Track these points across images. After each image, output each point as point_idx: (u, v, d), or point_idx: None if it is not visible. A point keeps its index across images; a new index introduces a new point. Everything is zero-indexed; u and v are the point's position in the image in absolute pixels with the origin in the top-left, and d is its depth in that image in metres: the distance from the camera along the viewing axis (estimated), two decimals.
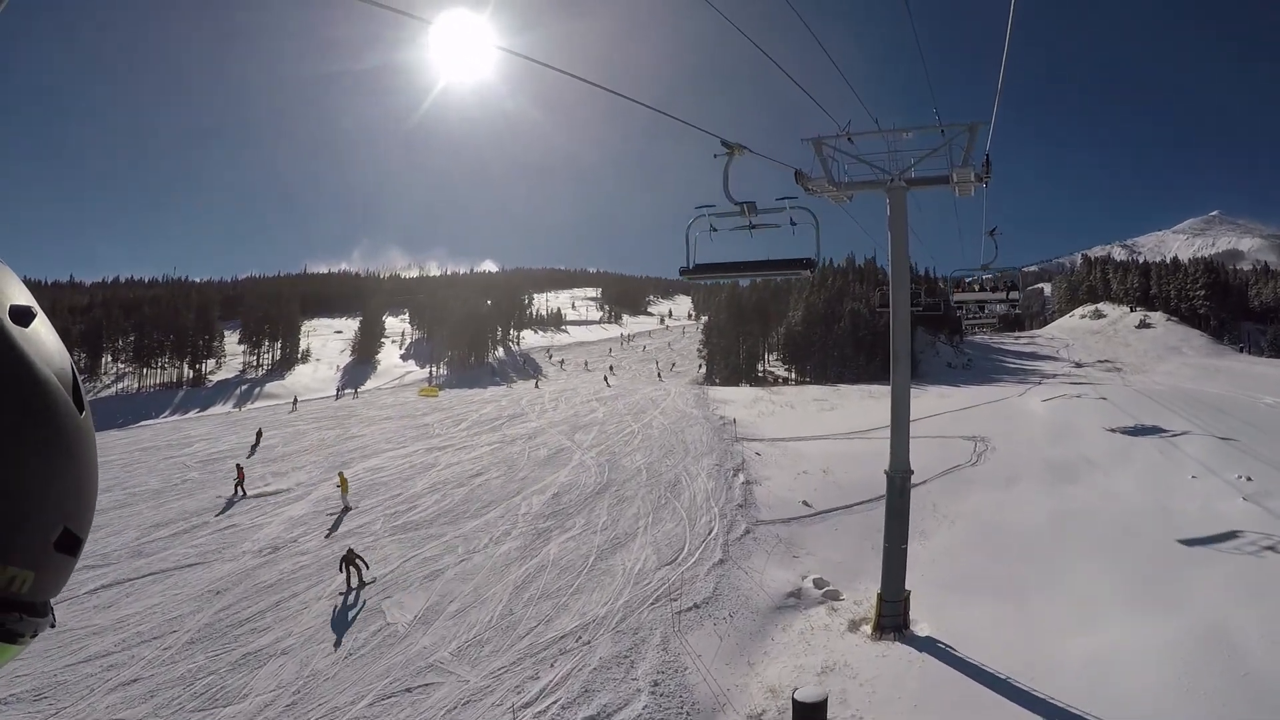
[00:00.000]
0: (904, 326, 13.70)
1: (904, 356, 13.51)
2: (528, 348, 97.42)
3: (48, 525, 0.64)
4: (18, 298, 0.66)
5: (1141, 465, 25.74)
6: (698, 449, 29.05)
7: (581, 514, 22.06)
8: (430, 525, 22.25)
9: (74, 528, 0.67)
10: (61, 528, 0.65)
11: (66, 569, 0.67)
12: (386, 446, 33.97)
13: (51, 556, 0.65)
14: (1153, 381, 53.72)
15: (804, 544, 19.62)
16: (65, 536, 0.66)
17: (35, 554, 0.63)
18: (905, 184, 13.47)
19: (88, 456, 0.68)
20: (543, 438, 33.08)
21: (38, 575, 0.63)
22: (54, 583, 0.66)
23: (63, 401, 0.65)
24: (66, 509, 0.66)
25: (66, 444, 0.65)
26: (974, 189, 13.44)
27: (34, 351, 0.64)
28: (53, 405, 0.64)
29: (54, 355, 0.67)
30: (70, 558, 0.67)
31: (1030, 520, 20.87)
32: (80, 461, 0.67)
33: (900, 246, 13.69)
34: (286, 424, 44.08)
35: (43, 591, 0.65)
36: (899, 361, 13.46)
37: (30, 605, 0.64)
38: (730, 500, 22.36)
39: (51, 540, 0.64)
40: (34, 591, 0.63)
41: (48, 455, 0.63)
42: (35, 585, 0.63)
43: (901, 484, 13.18)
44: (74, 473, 0.66)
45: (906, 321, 13.77)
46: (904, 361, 13.53)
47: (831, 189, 13.78)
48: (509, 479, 26.41)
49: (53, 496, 0.64)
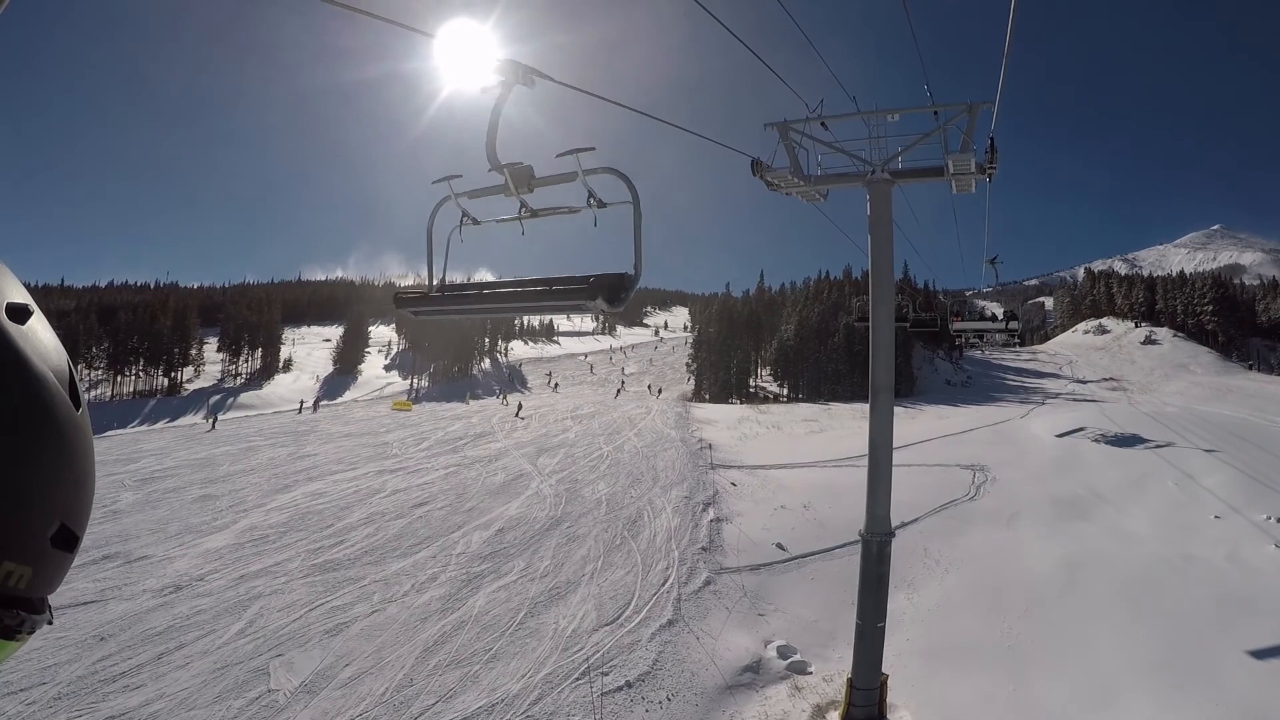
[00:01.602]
0: (886, 349, 10.97)
1: (885, 389, 10.73)
2: (516, 359, 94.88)
3: (44, 521, 0.64)
4: (15, 296, 0.66)
5: (1157, 501, 23.05)
6: (668, 478, 26.39)
7: (523, 555, 19.41)
8: (352, 565, 19.63)
9: (70, 524, 0.67)
10: (58, 524, 0.65)
11: (64, 565, 0.67)
12: (336, 468, 31.35)
13: (48, 552, 0.65)
14: (1162, 401, 50.98)
15: (773, 597, 16.94)
16: (62, 532, 0.66)
17: (32, 550, 0.63)
18: (890, 176, 10.87)
19: (84, 453, 0.68)
20: (504, 460, 30.47)
21: (35, 571, 0.63)
22: (51, 578, 0.66)
23: (59, 398, 0.66)
24: (63, 505, 0.66)
25: (63, 441, 0.65)
26: (975, 183, 10.80)
27: (31, 349, 0.65)
28: (49, 402, 0.65)
29: (50, 353, 0.68)
30: (67, 553, 0.67)
31: (1035, 569, 18.20)
32: (76, 458, 0.67)
33: (884, 251, 11.05)
34: (244, 439, 41.48)
35: (40, 587, 0.65)
36: (879, 395, 10.68)
37: (28, 601, 0.64)
38: (694, 542, 19.70)
39: (48, 536, 0.64)
40: (32, 587, 0.63)
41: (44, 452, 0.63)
42: (33, 581, 0.63)
43: (879, 550, 10.50)
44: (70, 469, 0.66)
45: (889, 344, 11.05)
46: (885, 396, 10.74)
47: (799, 184, 11.24)
48: (454, 510, 23.78)
49: (49, 493, 0.64)
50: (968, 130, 9.91)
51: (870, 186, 10.95)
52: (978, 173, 10.30)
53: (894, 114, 10.78)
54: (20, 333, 0.65)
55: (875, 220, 10.94)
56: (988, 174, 10.25)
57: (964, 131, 9.97)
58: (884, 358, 10.76)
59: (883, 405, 10.52)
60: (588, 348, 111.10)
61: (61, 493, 0.66)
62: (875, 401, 10.54)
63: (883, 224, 10.95)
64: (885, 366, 10.69)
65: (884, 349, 10.88)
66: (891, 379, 10.73)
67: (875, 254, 11.02)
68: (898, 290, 67.96)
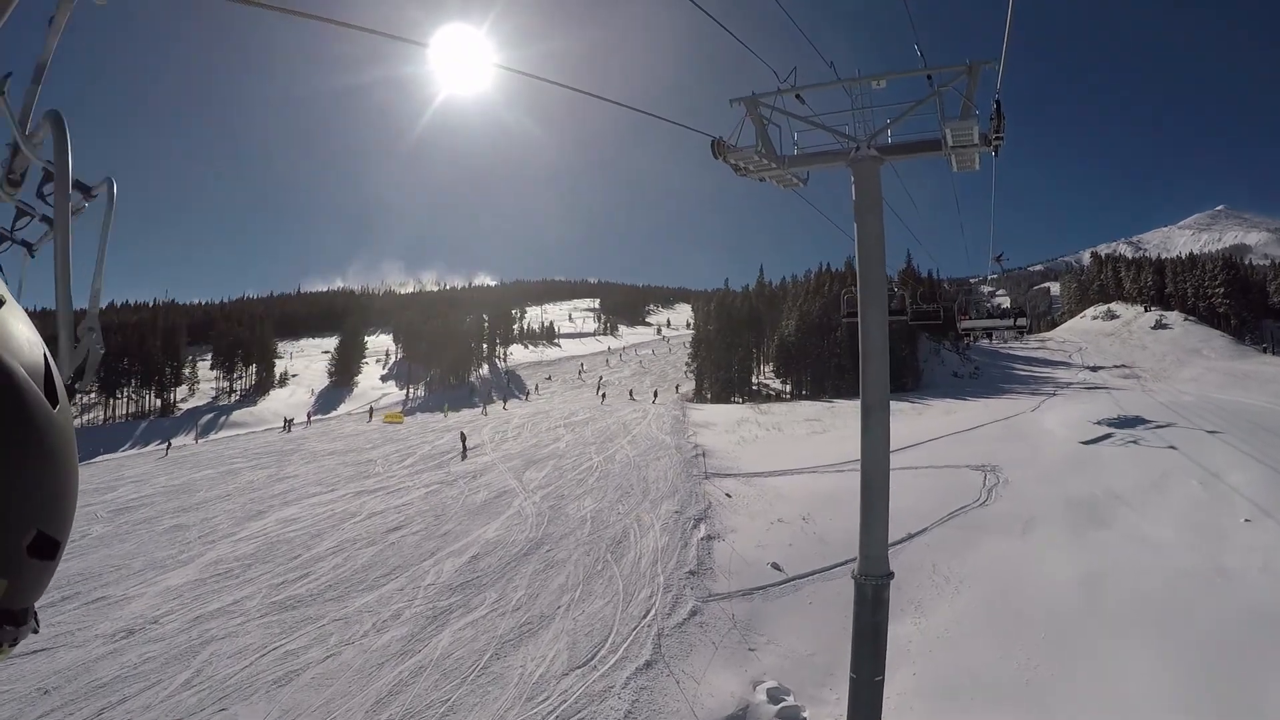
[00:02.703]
0: (878, 358, 9.29)
1: (879, 406, 8.98)
2: (515, 364, 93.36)
3: (18, 529, 0.60)
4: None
5: (1180, 503, 21.40)
6: (659, 490, 24.88)
7: (497, 585, 17.97)
8: (314, 602, 18.28)
9: (50, 530, 0.62)
10: (34, 531, 0.61)
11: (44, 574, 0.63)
12: (315, 490, 30.03)
13: (25, 562, 0.60)
14: (1178, 390, 49.13)
15: (765, 627, 15.42)
16: (39, 540, 0.61)
17: (6, 561, 0.59)
18: (877, 153, 9.28)
19: (62, 453, 0.63)
20: (489, 476, 29.03)
21: (10, 583, 0.60)
22: (30, 589, 0.62)
23: (31, 395, 0.61)
24: (39, 511, 0.61)
25: (36, 441, 0.60)
26: (978, 157, 9.18)
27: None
28: (20, 399, 0.60)
29: (22, 345, 0.62)
30: (47, 562, 0.63)
31: (1054, 585, 16.63)
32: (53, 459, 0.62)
33: (873, 239, 9.43)
34: (227, 460, 40.19)
35: (18, 599, 0.61)
36: (872, 414, 8.95)
37: (8, 613, 0.60)
38: (682, 564, 18.20)
39: (24, 545, 0.60)
40: (8, 599, 0.60)
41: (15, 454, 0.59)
42: (9, 593, 0.60)
43: (875, 594, 8.91)
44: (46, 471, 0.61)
45: (883, 351, 9.35)
46: (879, 415, 8.96)
47: (770, 166, 9.69)
48: (428, 534, 22.36)
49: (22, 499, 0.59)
50: (968, 94, 8.35)
51: (854, 165, 9.37)
52: (981, 144, 8.70)
53: (880, 80, 9.19)
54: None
55: (862, 203, 9.35)
56: (993, 145, 8.65)
57: (964, 95, 8.40)
58: (877, 368, 9.16)
59: (876, 427, 8.92)
60: (589, 349, 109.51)
61: (37, 498, 0.60)
62: (868, 422, 8.94)
63: (871, 208, 9.36)
64: (878, 379, 9.08)
65: (876, 357, 9.26)
66: (886, 393, 9.12)
67: (863, 243, 9.42)
68: (899, 280, 65.72)
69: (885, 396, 8.96)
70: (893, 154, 9.41)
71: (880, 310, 9.42)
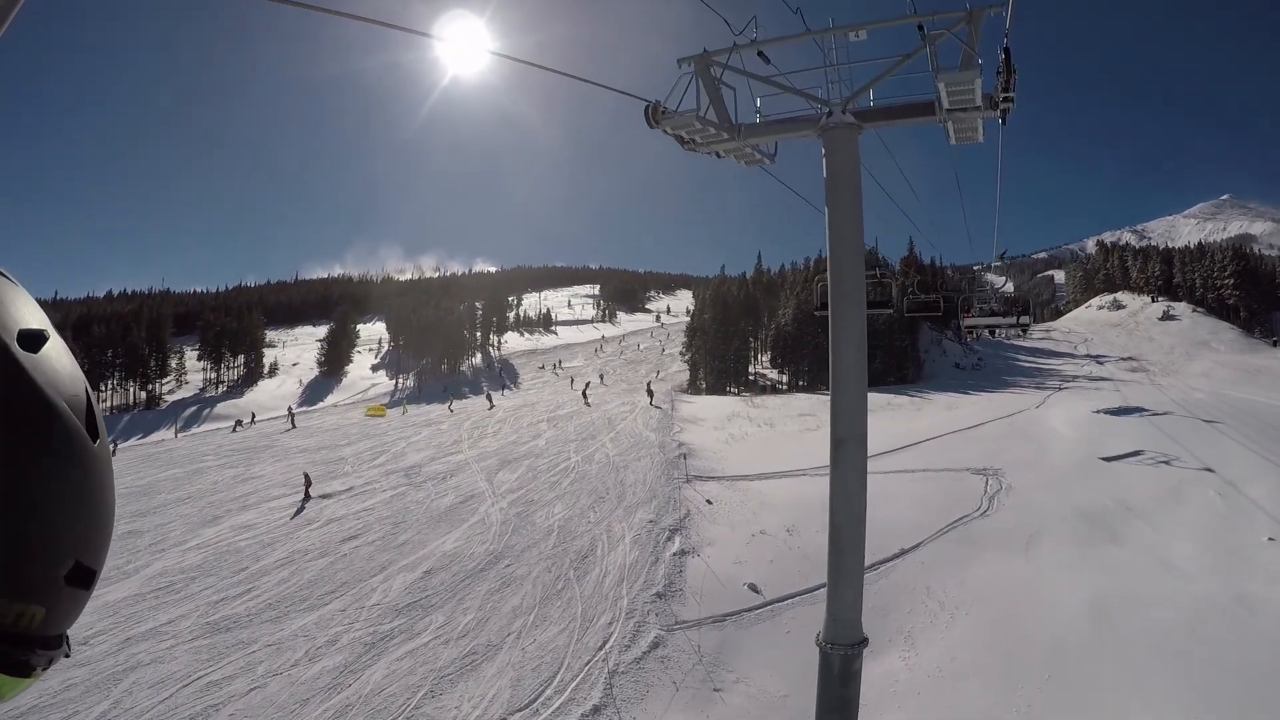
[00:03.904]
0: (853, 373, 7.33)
1: (853, 440, 7.12)
2: (510, 352, 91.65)
3: (58, 559, 0.61)
4: (29, 321, 0.63)
5: (1198, 516, 19.65)
6: (636, 495, 23.22)
7: (446, 606, 16.39)
8: (250, 623, 16.77)
9: (87, 560, 0.63)
10: (73, 561, 0.62)
11: (79, 602, 0.64)
12: (278, 492, 28.46)
13: (63, 591, 0.61)
14: (1188, 385, 47.26)
15: (735, 661, 13.79)
16: (77, 570, 0.62)
17: (45, 589, 0.60)
18: (854, 119, 7.42)
19: (102, 486, 0.65)
20: (459, 478, 27.42)
21: (49, 611, 0.61)
22: (66, 616, 0.64)
23: (75, 430, 0.62)
24: (78, 542, 0.62)
25: (79, 475, 0.62)
26: (981, 125, 7.28)
27: (44, 379, 0.61)
28: (64, 435, 0.61)
29: (66, 382, 0.64)
30: (83, 591, 0.64)
31: (1060, 612, 14.96)
32: (93, 492, 0.63)
33: (847, 222, 7.60)
34: (198, 458, 38.60)
35: (54, 626, 0.62)
36: (843, 448, 7.05)
37: (42, 639, 0.61)
38: (649, 585, 16.57)
39: (62, 575, 0.61)
40: (45, 626, 0.61)
41: (58, 487, 0.61)
42: (46, 620, 0.61)
43: (845, 665, 7.17)
44: (86, 505, 0.63)
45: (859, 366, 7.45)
46: (853, 449, 7.08)
47: (724, 137, 7.87)
48: (384, 545, 20.78)
49: (63, 530, 0.61)
50: (968, 46, 6.46)
51: (825, 134, 7.54)
52: (985, 108, 6.83)
53: (859, 30, 7.32)
54: (33, 362, 0.61)
55: (835, 180, 7.49)
56: (1000, 109, 6.79)
57: (965, 43, 6.49)
58: (851, 392, 7.26)
59: (850, 464, 7.09)
60: (587, 337, 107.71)
61: (77, 530, 0.62)
62: (839, 458, 7.11)
63: (845, 186, 7.50)
64: (852, 404, 7.21)
65: (850, 378, 7.32)
66: (863, 420, 7.25)
67: (835, 229, 7.54)
68: (899, 268, 63.63)
69: (862, 425, 7.14)
70: (874, 120, 7.58)
71: (856, 312, 7.59)
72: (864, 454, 7.21)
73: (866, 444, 7.28)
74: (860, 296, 7.72)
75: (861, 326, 7.56)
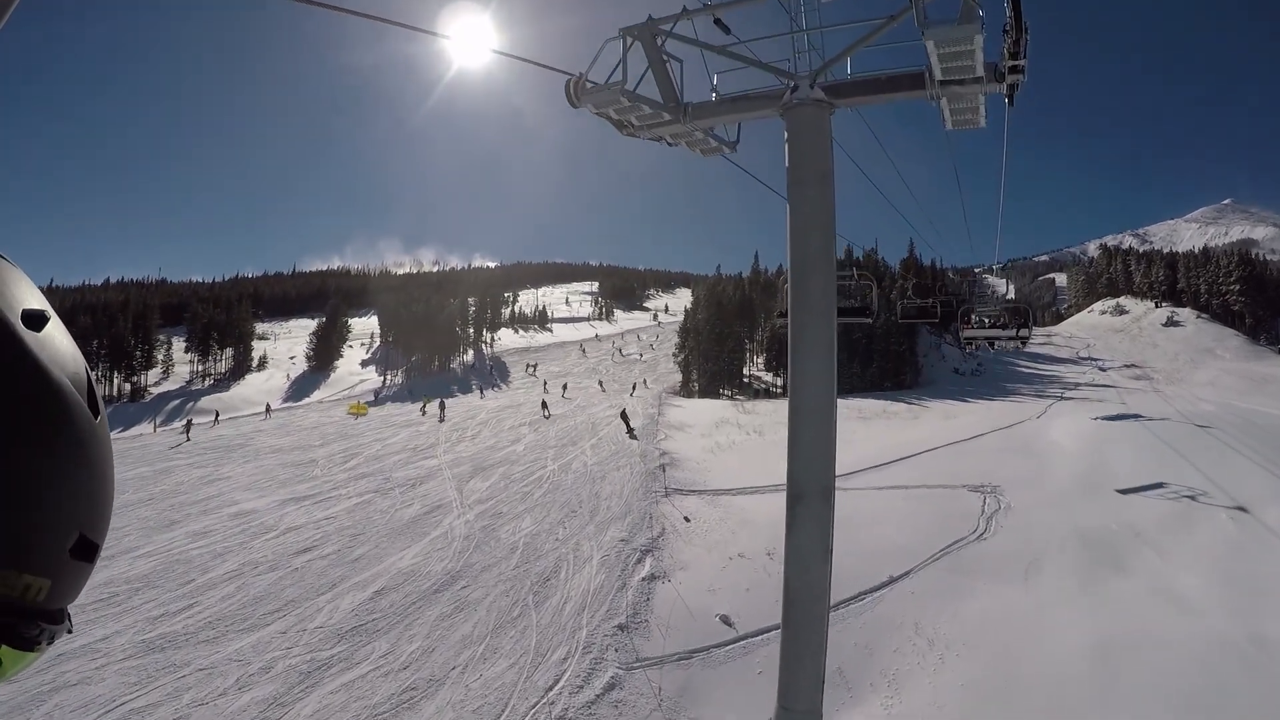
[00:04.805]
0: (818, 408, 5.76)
1: (816, 494, 5.78)
2: (503, 350, 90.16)
3: (63, 532, 0.63)
4: (30, 302, 0.65)
5: (1209, 542, 18.28)
6: (610, 510, 21.90)
7: (392, 632, 15.08)
8: (186, 643, 15.52)
9: (90, 534, 0.65)
10: (77, 534, 0.64)
11: (83, 575, 0.66)
12: (243, 496, 27.13)
13: (67, 564, 0.64)
14: (1195, 395, 45.85)
15: (698, 706, 12.45)
16: (81, 543, 0.64)
17: (51, 562, 0.62)
18: (823, 95, 5.97)
19: (103, 461, 0.67)
20: (428, 485, 26.08)
21: (54, 583, 0.63)
22: (70, 589, 0.65)
23: (77, 407, 0.65)
24: (82, 515, 0.65)
25: (81, 450, 0.64)
26: (983, 104, 5.78)
27: (48, 357, 0.64)
28: (67, 411, 0.64)
29: (68, 360, 0.66)
30: (86, 564, 0.66)
31: (1062, 653, 13.61)
32: (95, 467, 0.66)
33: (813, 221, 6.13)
34: (168, 456, 37.26)
35: (59, 599, 0.64)
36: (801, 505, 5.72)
37: (47, 612, 0.63)
38: (613, 614, 15.22)
39: (67, 547, 0.63)
40: (50, 599, 0.63)
41: (63, 462, 0.63)
42: (51, 593, 0.63)
43: None
44: (89, 479, 0.65)
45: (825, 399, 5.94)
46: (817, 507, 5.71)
47: (664, 118, 6.44)
48: (339, 559, 19.47)
49: (68, 503, 0.63)
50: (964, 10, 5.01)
51: (789, 114, 6.14)
52: (990, 79, 5.37)
53: None
54: (37, 340, 0.63)
55: (799, 171, 6.00)
56: (1007, 82, 5.34)
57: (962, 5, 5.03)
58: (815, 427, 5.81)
59: (808, 525, 5.65)
60: (582, 334, 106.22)
61: (80, 503, 0.64)
62: (794, 516, 5.69)
63: (812, 179, 6.03)
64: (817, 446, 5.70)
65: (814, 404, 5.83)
66: (830, 468, 5.80)
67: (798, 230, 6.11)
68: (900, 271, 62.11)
69: (827, 476, 5.70)
70: (849, 96, 6.12)
71: (824, 328, 6.14)
72: (829, 511, 5.80)
73: (833, 498, 5.88)
74: (829, 309, 6.25)
75: (829, 346, 6.11)
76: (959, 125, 6.06)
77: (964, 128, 6.11)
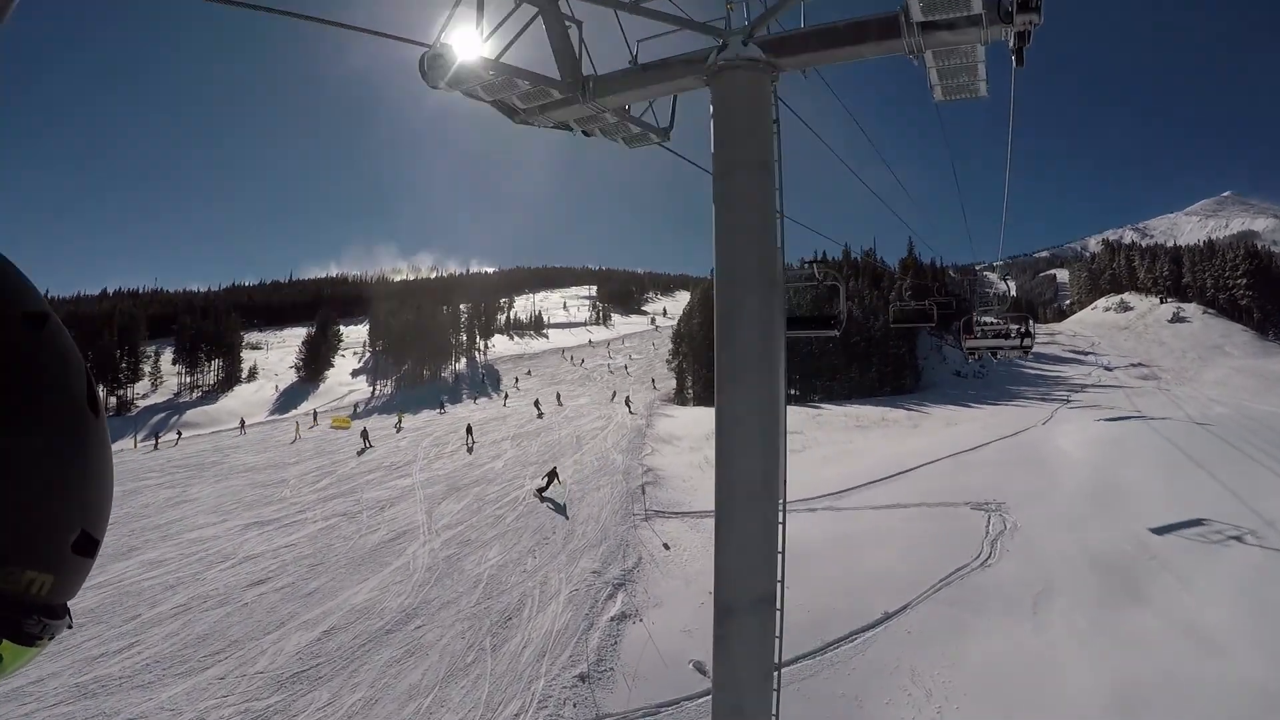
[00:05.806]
0: (758, 485, 4.40)
1: (746, 609, 4.08)
2: (496, 357, 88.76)
3: (65, 529, 0.64)
4: (31, 304, 0.66)
5: (1233, 567, 16.76)
6: (585, 536, 20.45)
7: (336, 679, 13.69)
8: (120, 688, 14.27)
9: (91, 530, 0.66)
10: (79, 530, 0.65)
11: (84, 571, 0.67)
12: (206, 520, 25.76)
13: (69, 559, 0.65)
14: (1205, 395, 44.30)
15: None
16: (82, 539, 0.65)
17: (54, 557, 0.63)
18: (760, 53, 4.46)
19: (103, 459, 0.69)
20: (398, 508, 24.66)
21: (56, 579, 0.63)
22: (72, 585, 0.66)
23: (79, 405, 0.66)
24: (83, 512, 0.66)
25: (82, 448, 0.65)
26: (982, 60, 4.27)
27: (50, 357, 0.65)
28: (70, 410, 0.65)
29: (68, 360, 0.67)
30: (87, 559, 0.67)
31: (1077, 703, 12.13)
32: (96, 465, 0.67)
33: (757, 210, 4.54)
34: (140, 474, 35.87)
35: (61, 594, 0.65)
36: (731, 622, 4.18)
37: (48, 608, 0.64)
38: (575, 661, 13.77)
39: (69, 543, 0.64)
40: (52, 594, 0.63)
41: (64, 460, 0.64)
42: (54, 588, 0.63)
43: None
44: (91, 476, 0.66)
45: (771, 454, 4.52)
46: (750, 623, 4.17)
47: (554, 96, 4.85)
48: (292, 593, 18.08)
49: (70, 500, 0.64)
50: None
51: (715, 80, 4.66)
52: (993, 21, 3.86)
53: None
54: (39, 340, 0.64)
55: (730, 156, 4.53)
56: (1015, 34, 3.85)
57: None
58: (750, 497, 4.33)
59: (743, 643, 4.26)
60: (579, 340, 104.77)
61: (82, 500, 0.65)
62: (724, 634, 4.26)
63: (748, 163, 4.57)
64: (755, 545, 4.33)
65: (753, 493, 4.30)
66: (773, 572, 4.33)
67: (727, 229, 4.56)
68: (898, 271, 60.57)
69: (768, 582, 4.22)
70: (796, 54, 4.60)
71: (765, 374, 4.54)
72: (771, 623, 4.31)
73: (777, 610, 4.38)
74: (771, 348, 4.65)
75: (773, 398, 4.55)
76: (952, 94, 4.52)
77: (959, 97, 4.56)
